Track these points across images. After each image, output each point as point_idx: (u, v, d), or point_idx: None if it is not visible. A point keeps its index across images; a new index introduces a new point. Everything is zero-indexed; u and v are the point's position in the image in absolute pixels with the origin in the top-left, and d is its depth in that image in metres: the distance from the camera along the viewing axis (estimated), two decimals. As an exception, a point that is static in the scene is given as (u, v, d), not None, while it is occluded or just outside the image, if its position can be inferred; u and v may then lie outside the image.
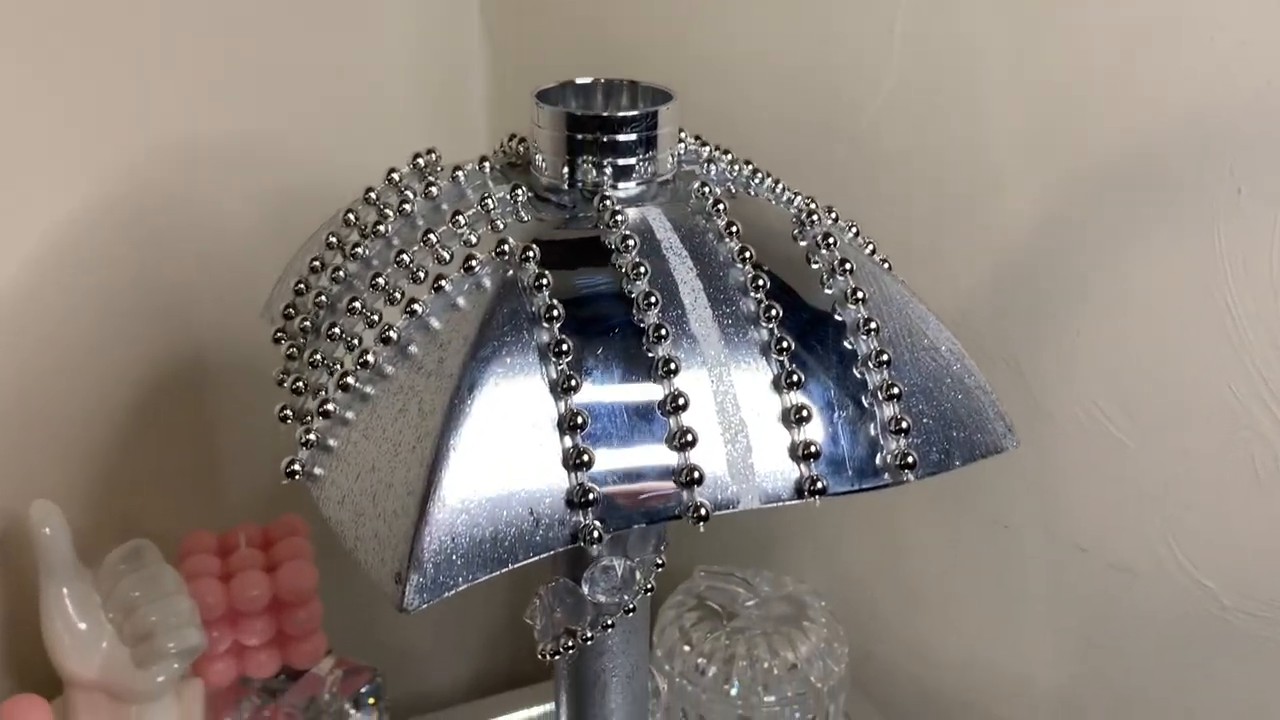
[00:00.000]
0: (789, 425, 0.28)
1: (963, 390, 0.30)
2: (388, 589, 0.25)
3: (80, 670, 0.49)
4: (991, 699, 0.70)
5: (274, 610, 0.55)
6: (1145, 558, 0.62)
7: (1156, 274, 0.57)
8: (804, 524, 0.75)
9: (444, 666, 0.78)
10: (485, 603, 0.79)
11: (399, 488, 0.25)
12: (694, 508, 0.26)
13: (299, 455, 0.29)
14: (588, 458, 0.26)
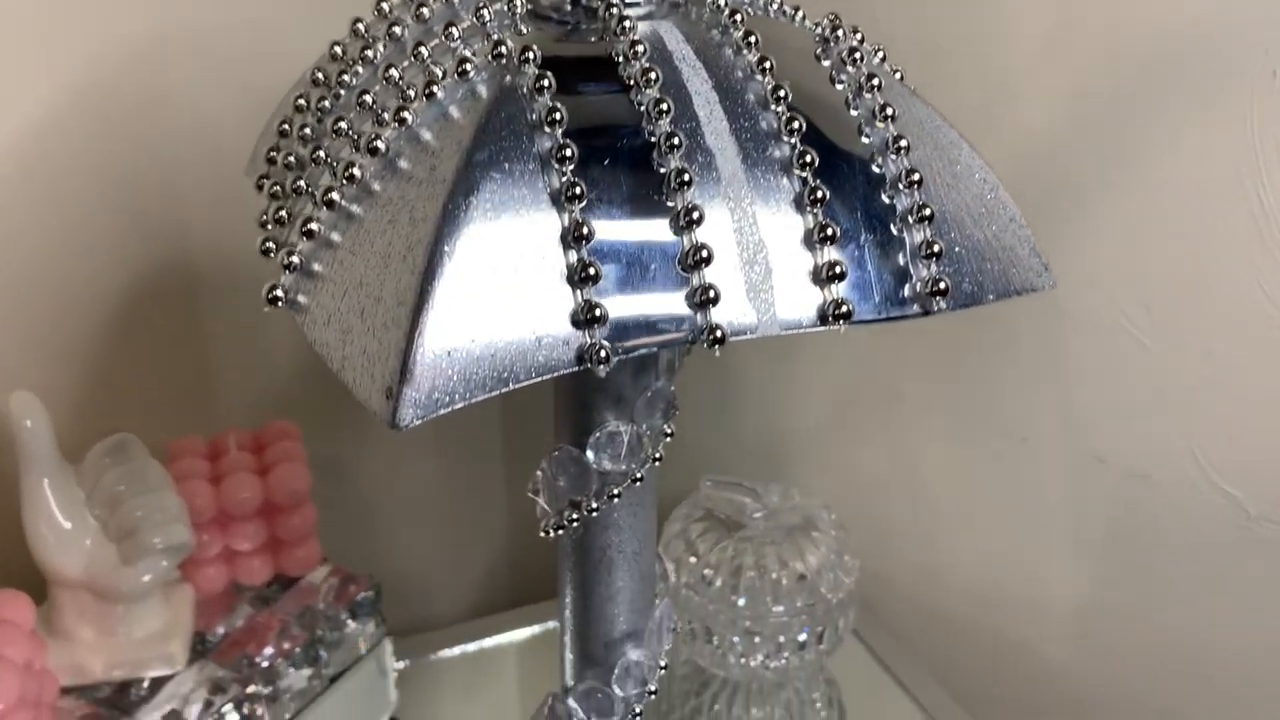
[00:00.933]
0: (812, 247, 0.25)
1: (997, 222, 0.28)
2: (378, 406, 0.23)
3: (64, 568, 0.47)
4: (1005, 620, 0.69)
5: (266, 514, 0.54)
6: (1167, 467, 0.60)
7: (1185, 165, 0.55)
8: (813, 441, 0.73)
9: (443, 592, 0.76)
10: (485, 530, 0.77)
11: (389, 300, 0.23)
12: (709, 329, 0.24)
13: (281, 280, 0.26)
14: (594, 272, 0.24)
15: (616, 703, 0.39)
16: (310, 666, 0.53)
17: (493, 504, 0.76)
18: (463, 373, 0.23)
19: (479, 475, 0.75)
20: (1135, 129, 0.56)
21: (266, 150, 0.32)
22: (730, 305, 0.25)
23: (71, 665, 0.48)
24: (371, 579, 0.56)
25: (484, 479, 0.75)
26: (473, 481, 0.75)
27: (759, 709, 0.63)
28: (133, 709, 0.48)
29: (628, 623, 0.38)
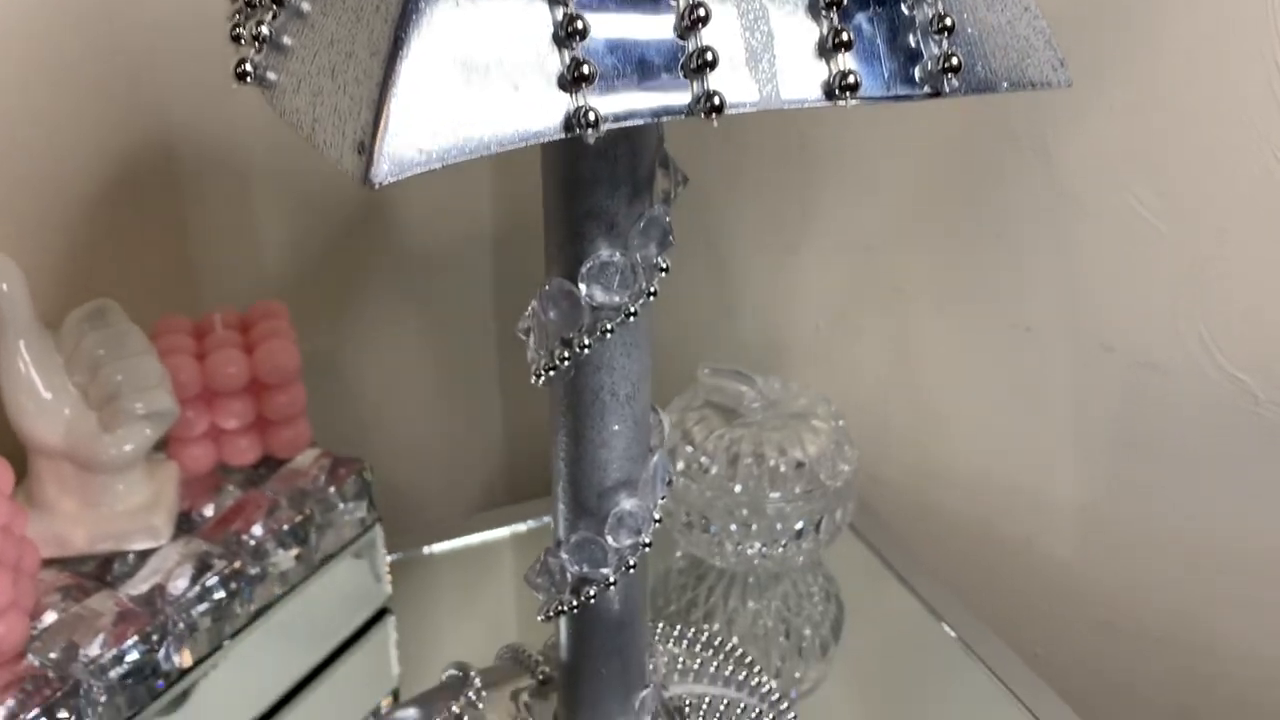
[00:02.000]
0: (818, 15, 0.24)
1: (1011, 9, 0.26)
2: (350, 164, 0.21)
3: (44, 437, 0.46)
4: (1008, 518, 0.68)
5: (253, 392, 0.52)
6: (1176, 353, 0.58)
7: (1201, 33, 0.53)
8: (812, 341, 0.72)
9: (438, 494, 0.75)
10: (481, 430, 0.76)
11: (361, 53, 0.22)
12: (706, 97, 0.23)
13: (248, 54, 0.25)
14: (581, 26, 0.22)
15: (610, 554, 0.37)
16: (299, 547, 0.52)
17: (488, 402, 0.75)
18: (440, 131, 0.21)
19: (473, 373, 0.74)
20: (1147, 2, 0.54)
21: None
22: (729, 73, 0.23)
23: (53, 536, 0.47)
24: (363, 462, 0.55)
25: (479, 377, 0.74)
26: (468, 380, 0.74)
27: (756, 601, 0.62)
28: (116, 583, 0.47)
29: (621, 471, 0.37)
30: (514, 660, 0.48)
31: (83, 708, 0.43)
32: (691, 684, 0.46)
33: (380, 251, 0.67)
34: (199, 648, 0.48)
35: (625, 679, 0.41)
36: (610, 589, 0.38)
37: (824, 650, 0.63)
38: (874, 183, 0.66)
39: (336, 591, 0.55)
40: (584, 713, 0.41)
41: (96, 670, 0.43)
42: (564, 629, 0.40)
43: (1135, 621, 0.65)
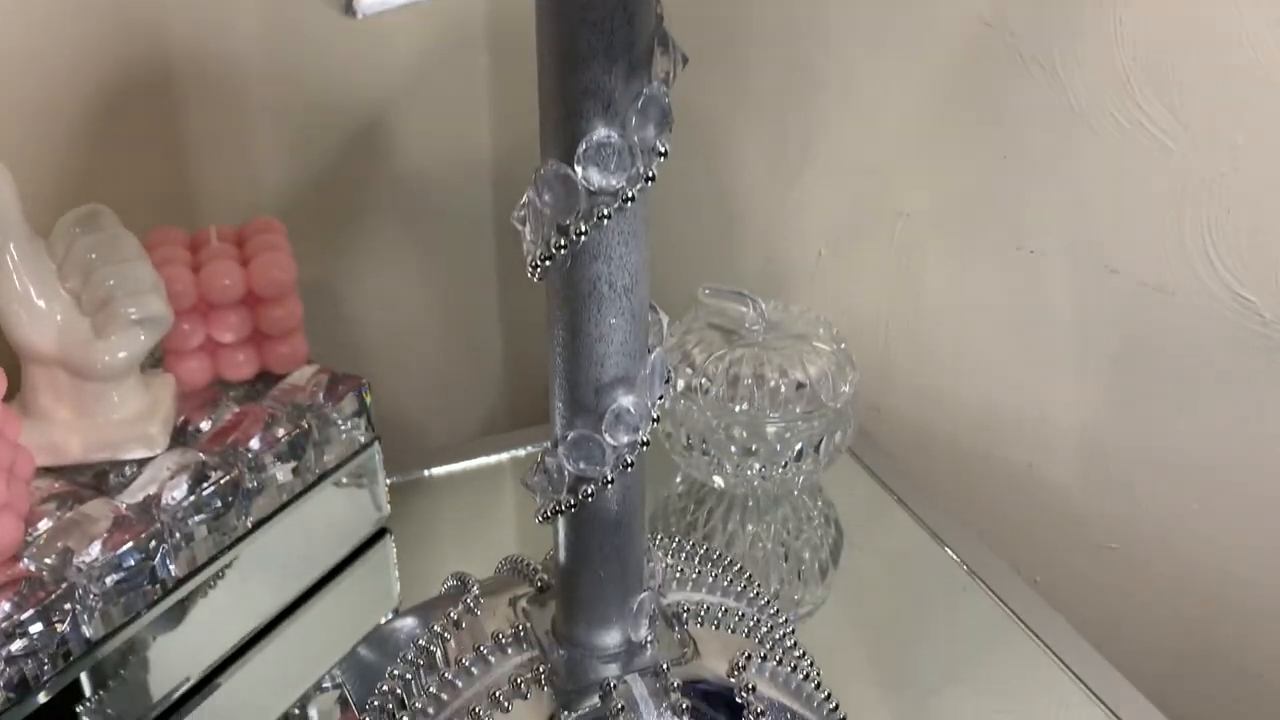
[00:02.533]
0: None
1: None
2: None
3: (37, 343, 0.45)
4: (1008, 445, 0.68)
5: (249, 306, 0.52)
6: (1182, 274, 0.58)
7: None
8: (814, 268, 0.71)
9: (437, 422, 0.75)
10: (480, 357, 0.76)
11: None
12: None
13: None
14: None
15: (607, 451, 0.37)
16: (296, 461, 0.52)
17: (488, 330, 0.74)
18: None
19: (473, 300, 0.73)
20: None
21: None
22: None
23: (48, 445, 0.46)
24: (361, 379, 0.55)
25: (478, 304, 0.73)
26: (467, 306, 0.73)
27: (755, 525, 0.62)
28: (112, 492, 0.47)
29: (619, 367, 0.36)
30: (513, 570, 0.47)
31: (78, 613, 0.43)
32: (689, 592, 0.45)
33: (379, 174, 0.66)
34: (196, 558, 0.48)
35: (623, 582, 0.41)
36: (608, 488, 0.38)
37: (823, 574, 0.62)
38: (879, 106, 0.65)
39: (335, 509, 0.55)
40: (582, 616, 0.41)
41: (92, 575, 0.43)
42: (561, 531, 0.40)
43: (1135, 546, 0.64)
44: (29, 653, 0.41)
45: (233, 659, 0.51)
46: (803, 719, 0.41)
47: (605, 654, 0.42)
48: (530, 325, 0.75)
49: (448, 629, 0.44)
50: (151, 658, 0.47)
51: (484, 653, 0.42)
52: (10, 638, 0.40)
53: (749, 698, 0.40)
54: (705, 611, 0.44)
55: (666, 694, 0.40)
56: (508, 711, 0.40)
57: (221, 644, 0.51)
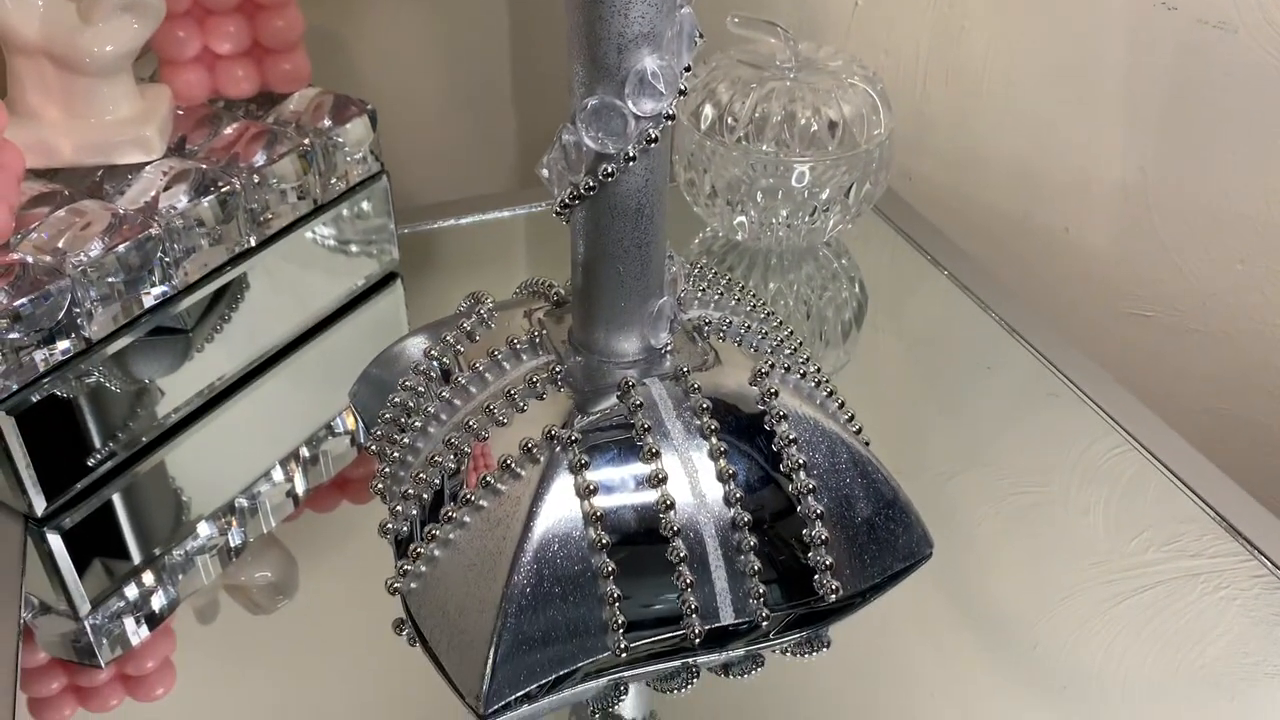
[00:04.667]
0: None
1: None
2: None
3: (17, 26, 0.42)
4: (1048, 207, 0.64)
5: (247, 13, 0.48)
6: (1247, 8, 0.54)
7: None
8: (851, 17, 0.67)
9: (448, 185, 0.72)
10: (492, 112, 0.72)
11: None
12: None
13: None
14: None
15: (630, 122, 0.34)
16: (301, 179, 0.49)
17: (499, 93, 0.70)
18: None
19: (486, 64, 0.69)
20: None
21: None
22: None
23: (38, 144, 0.44)
24: (367, 103, 0.52)
25: (491, 68, 0.69)
26: (477, 69, 0.69)
27: (778, 281, 0.60)
28: (109, 197, 0.44)
29: (645, 20, 0.33)
30: (531, 292, 0.46)
31: (75, 308, 0.41)
32: (711, 310, 0.44)
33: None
34: (199, 268, 0.46)
35: (644, 281, 0.39)
36: (630, 166, 0.35)
37: (845, 336, 0.60)
38: None
39: (344, 241, 0.53)
40: (600, 318, 0.39)
41: (89, 272, 0.41)
42: (579, 223, 0.38)
43: (1172, 312, 0.62)
44: (26, 344, 0.40)
45: (235, 388, 0.50)
46: (824, 428, 0.39)
47: (624, 360, 0.40)
48: (543, 76, 0.71)
49: (461, 340, 0.43)
50: (147, 380, 0.45)
51: (499, 358, 0.41)
52: (5, 328, 0.39)
53: (771, 402, 0.38)
54: (728, 327, 0.42)
55: (687, 396, 0.38)
56: (523, 411, 0.38)
57: (223, 369, 0.49)
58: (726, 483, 0.37)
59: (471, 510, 0.37)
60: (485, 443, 0.38)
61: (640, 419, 0.37)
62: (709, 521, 0.37)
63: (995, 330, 0.56)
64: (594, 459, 0.36)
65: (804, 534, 0.37)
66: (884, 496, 0.40)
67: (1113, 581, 0.41)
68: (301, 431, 0.49)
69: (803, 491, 0.37)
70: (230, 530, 0.44)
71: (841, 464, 0.39)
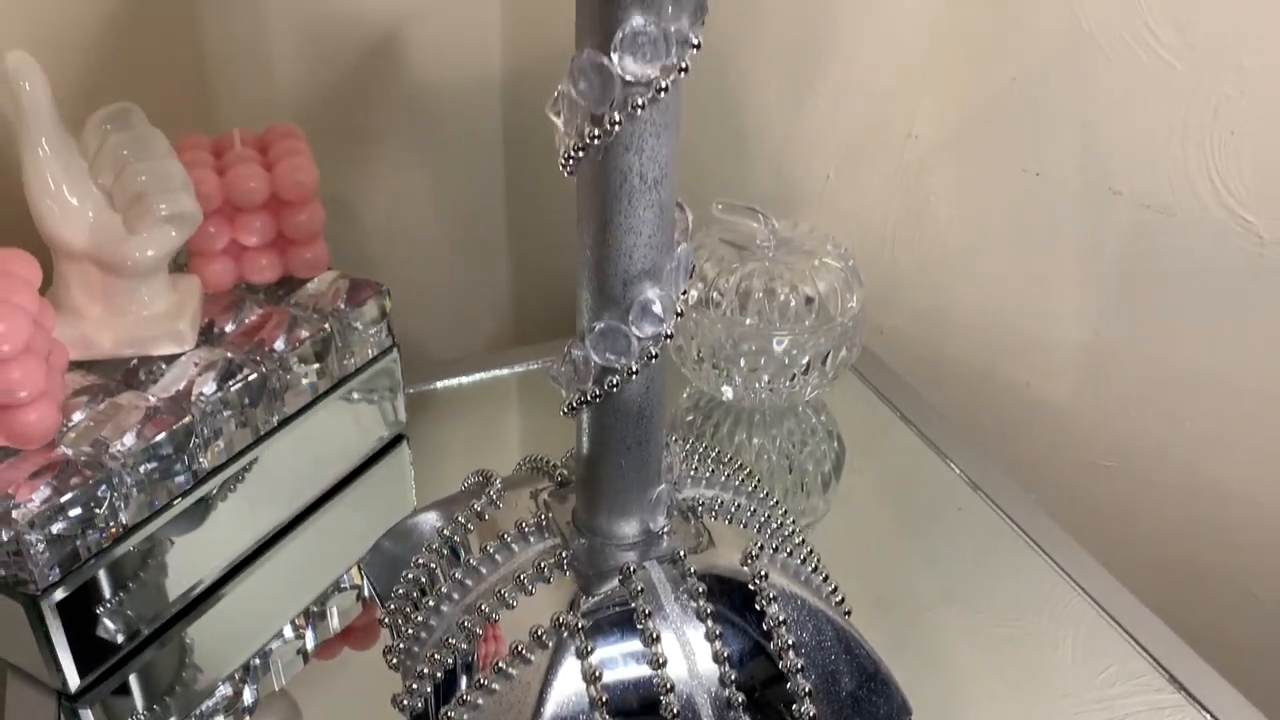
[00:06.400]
0: None
1: None
2: None
3: (69, 238, 0.46)
4: (1010, 361, 0.69)
5: (273, 209, 0.53)
6: (1184, 195, 0.59)
7: None
8: (824, 189, 0.72)
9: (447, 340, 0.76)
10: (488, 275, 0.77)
11: None
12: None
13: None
14: None
15: (632, 342, 0.38)
16: (319, 362, 0.53)
17: (495, 248, 0.75)
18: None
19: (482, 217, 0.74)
20: None
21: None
22: None
23: (80, 339, 0.48)
24: (381, 285, 0.56)
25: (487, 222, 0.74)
26: (476, 224, 0.74)
27: (761, 437, 0.64)
28: (143, 386, 0.48)
29: (646, 259, 0.37)
30: (533, 469, 0.49)
31: (115, 498, 0.44)
32: (703, 489, 0.47)
33: (391, 86, 0.67)
34: (226, 452, 0.49)
35: (643, 473, 0.42)
36: (633, 378, 0.39)
37: (825, 487, 0.64)
38: (891, 27, 0.66)
39: (357, 412, 0.56)
40: (603, 505, 0.43)
41: (127, 462, 0.45)
42: (585, 422, 0.42)
43: (1131, 463, 0.66)
44: (69, 535, 0.43)
45: (252, 558, 0.53)
46: (811, 606, 0.42)
47: (624, 543, 0.43)
48: (536, 241, 0.76)
49: (471, 520, 0.46)
50: (172, 555, 0.48)
51: (508, 540, 0.44)
52: (51, 519, 0.42)
53: (762, 584, 0.41)
54: (719, 506, 0.46)
55: (683, 579, 0.42)
56: (531, 594, 0.42)
57: (242, 542, 0.52)
58: (721, 664, 0.40)
59: (485, 694, 0.40)
60: (496, 624, 0.41)
61: (641, 604, 0.40)
62: (706, 702, 0.40)
63: (957, 481, 0.61)
64: (598, 642, 0.39)
65: (794, 709, 0.40)
66: (866, 670, 0.43)
67: (1079, 714, 0.45)
68: (313, 593, 0.52)
69: (792, 670, 0.40)
70: (244, 689, 0.46)
71: (827, 641, 0.42)
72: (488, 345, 0.79)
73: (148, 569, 0.47)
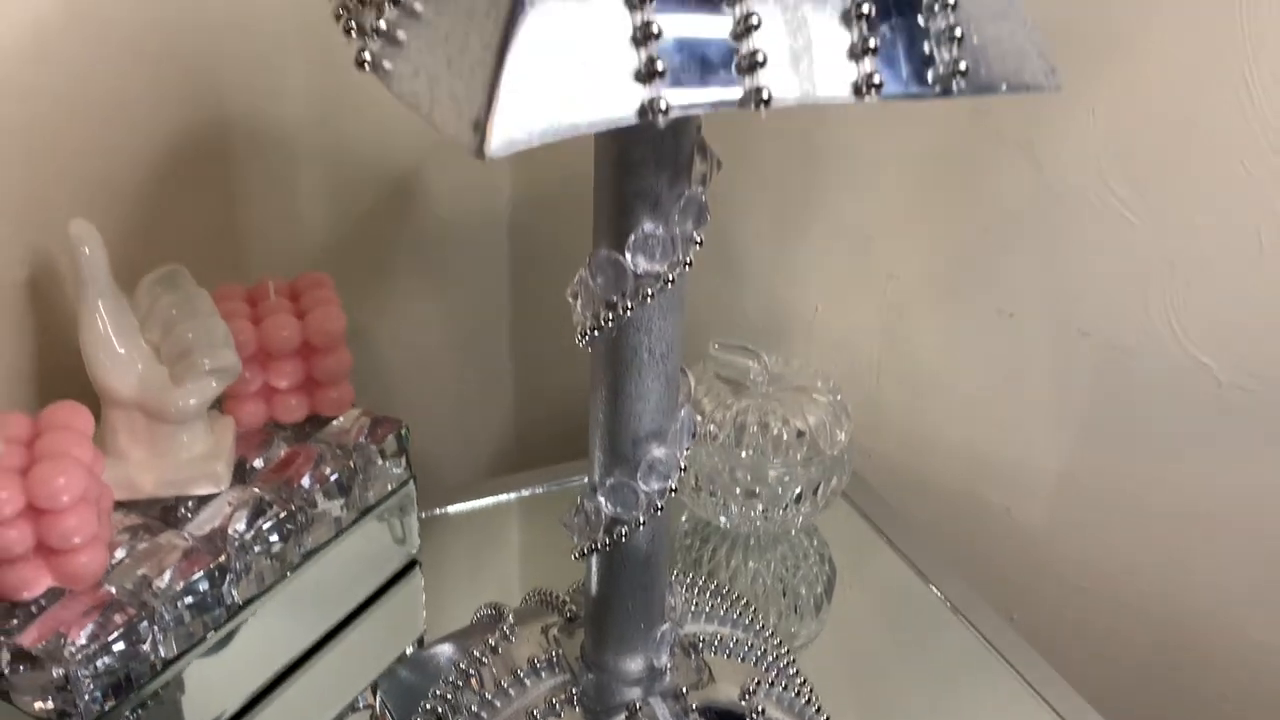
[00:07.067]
0: (849, 25, 0.29)
1: (1011, 23, 0.31)
2: (466, 139, 0.26)
3: (119, 389, 0.50)
4: (990, 487, 0.73)
5: (303, 355, 0.57)
6: (1146, 338, 0.64)
7: (1175, 49, 0.58)
8: (812, 321, 0.77)
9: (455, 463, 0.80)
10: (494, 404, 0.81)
11: (475, 47, 0.26)
12: (756, 92, 0.28)
13: (368, 44, 0.29)
14: (656, 29, 0.27)
15: (640, 496, 0.42)
16: (343, 497, 0.56)
17: (501, 376, 0.79)
18: (540, 113, 0.26)
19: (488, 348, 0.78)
20: (1131, 15, 0.59)
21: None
22: (775, 73, 0.28)
23: (125, 481, 0.51)
24: (401, 422, 0.60)
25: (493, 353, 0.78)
26: (483, 355, 0.78)
27: (756, 561, 0.67)
28: (180, 524, 0.51)
29: (653, 422, 0.41)
30: (541, 602, 0.52)
31: (156, 632, 0.47)
32: (704, 624, 0.50)
33: (406, 232, 0.72)
34: (255, 584, 0.52)
35: (648, 613, 0.46)
36: (640, 529, 0.43)
37: (818, 609, 0.67)
38: (872, 178, 0.71)
39: (375, 539, 0.60)
40: (611, 644, 0.46)
41: (167, 599, 0.48)
42: (594, 567, 0.45)
43: (1108, 586, 0.70)
44: (114, 669, 0.46)
45: (271, 685, 0.56)
46: (806, 738, 0.46)
47: (630, 678, 0.47)
48: (538, 368, 0.80)
49: (485, 654, 0.49)
50: (199, 684, 0.51)
51: (520, 676, 0.47)
52: (98, 655, 0.45)
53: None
54: (718, 641, 0.49)
55: (686, 715, 0.45)
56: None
57: (266, 669, 0.55)
58: (722, 799, 0.43)
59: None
60: (512, 757, 0.44)
61: (647, 740, 0.43)
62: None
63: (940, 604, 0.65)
64: (607, 777, 0.42)
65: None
66: (856, 800, 0.46)
67: None
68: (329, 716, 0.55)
69: (787, 801, 0.43)
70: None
71: (820, 774, 0.45)
72: (492, 463, 0.83)
73: (178, 698, 0.50)
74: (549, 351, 0.79)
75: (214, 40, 0.60)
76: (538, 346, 0.79)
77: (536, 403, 0.81)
